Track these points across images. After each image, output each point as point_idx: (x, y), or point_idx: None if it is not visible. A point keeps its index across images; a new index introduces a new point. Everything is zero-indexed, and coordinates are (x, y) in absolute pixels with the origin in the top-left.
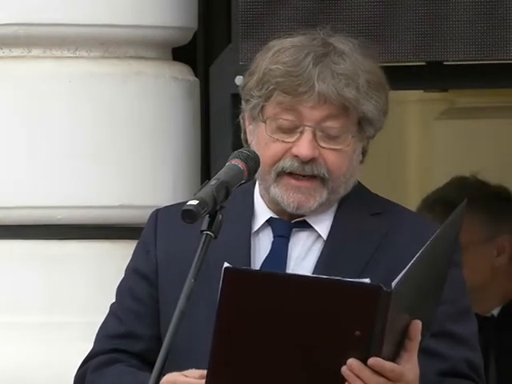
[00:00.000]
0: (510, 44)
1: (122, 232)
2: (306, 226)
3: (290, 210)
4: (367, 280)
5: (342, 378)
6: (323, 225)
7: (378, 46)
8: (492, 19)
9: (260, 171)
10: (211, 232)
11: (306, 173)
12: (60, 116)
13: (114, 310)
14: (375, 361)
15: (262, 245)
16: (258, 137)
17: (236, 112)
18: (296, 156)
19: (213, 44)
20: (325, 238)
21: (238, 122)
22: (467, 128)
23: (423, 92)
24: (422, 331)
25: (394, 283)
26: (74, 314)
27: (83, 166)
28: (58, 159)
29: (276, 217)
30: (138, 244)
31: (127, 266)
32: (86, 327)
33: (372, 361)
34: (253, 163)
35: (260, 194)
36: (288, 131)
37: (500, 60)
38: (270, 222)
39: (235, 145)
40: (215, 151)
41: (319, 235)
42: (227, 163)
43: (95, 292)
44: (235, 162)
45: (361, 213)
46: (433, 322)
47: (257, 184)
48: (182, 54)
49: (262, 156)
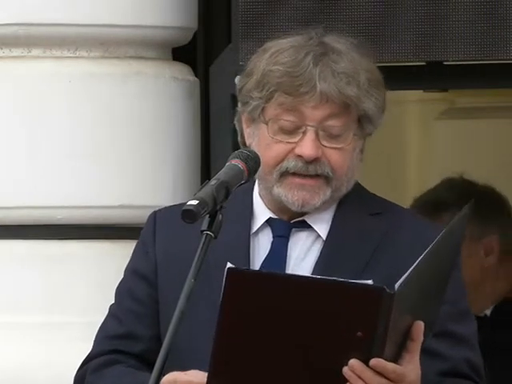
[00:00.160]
0: (510, 44)
1: (121, 232)
2: (305, 226)
3: (294, 208)
4: (370, 281)
5: (344, 378)
6: (322, 225)
7: (378, 45)
8: (492, 19)
9: (261, 172)
10: (211, 232)
11: (309, 173)
12: (60, 116)
13: (113, 311)
14: (377, 361)
15: (262, 245)
16: (259, 138)
17: (235, 113)
18: (299, 156)
19: (213, 44)
20: (324, 238)
21: (234, 123)
22: (467, 128)
23: (423, 92)
24: (425, 332)
25: (397, 285)
26: (74, 314)
27: (83, 166)
28: (58, 159)
29: (275, 217)
30: (136, 245)
31: (126, 267)
32: (86, 327)
33: (374, 361)
34: (253, 163)
35: (259, 195)
36: (290, 132)
37: (500, 60)
38: (269, 222)
39: (235, 145)
40: (215, 151)
41: (318, 235)
42: (227, 163)
43: (95, 292)
44: (235, 162)
45: (360, 213)
46: (435, 322)
47: (256, 184)
48: (182, 53)
49: (264, 157)
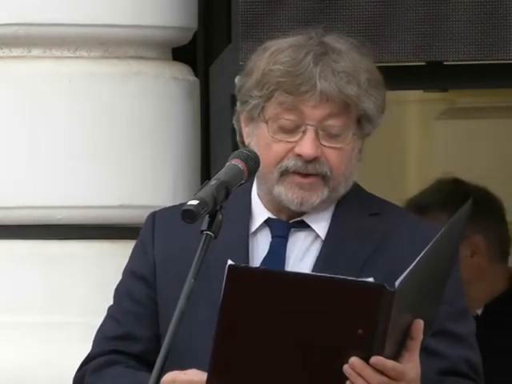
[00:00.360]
0: (510, 44)
1: (121, 232)
2: (304, 226)
3: (293, 206)
4: (371, 279)
5: (344, 376)
6: (321, 225)
7: (378, 45)
8: (492, 19)
9: (260, 171)
10: (211, 232)
11: (309, 171)
12: (60, 116)
13: (111, 312)
14: (377, 359)
15: (260, 245)
16: (259, 138)
17: (234, 112)
18: (299, 155)
19: (213, 44)
20: (323, 238)
21: (233, 123)
22: (467, 128)
23: (423, 92)
24: (424, 330)
25: (397, 282)
26: (74, 314)
27: (83, 166)
28: (58, 159)
29: (274, 217)
30: (135, 245)
31: (125, 268)
32: (86, 327)
33: (374, 359)
34: (253, 163)
35: (258, 195)
36: (290, 131)
37: (500, 60)
38: (267, 222)
39: (235, 145)
40: (215, 151)
41: (317, 235)
42: (227, 163)
43: (95, 292)
44: (235, 162)
45: (359, 213)
46: (434, 321)
47: (254, 184)
48: (182, 53)
49: (264, 156)
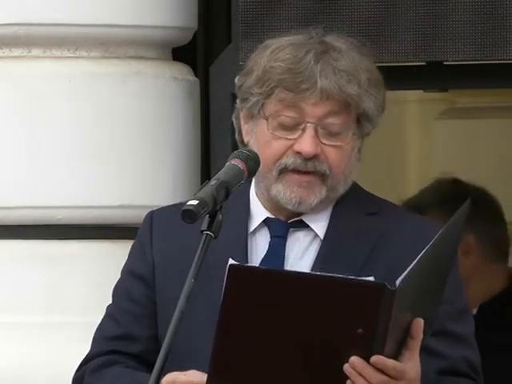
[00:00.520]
0: (510, 44)
1: (121, 232)
2: (302, 225)
3: (290, 206)
4: (371, 278)
5: (345, 375)
6: (320, 224)
7: (378, 45)
8: (492, 19)
9: (260, 170)
10: (211, 232)
11: (308, 169)
12: (60, 116)
13: (110, 311)
14: (377, 359)
15: (259, 245)
16: (258, 135)
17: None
18: (298, 153)
19: (213, 44)
20: (322, 238)
21: (232, 122)
22: (467, 128)
23: (423, 92)
24: (424, 330)
25: (398, 281)
26: (74, 314)
27: (83, 166)
28: (58, 159)
29: (272, 217)
30: (133, 245)
31: (123, 268)
32: (86, 327)
33: (374, 358)
34: (253, 163)
35: (256, 194)
36: (290, 128)
37: (500, 60)
38: (266, 222)
39: (235, 145)
40: (215, 151)
41: (316, 235)
42: (227, 163)
43: (95, 292)
44: (235, 162)
45: (357, 212)
46: (434, 320)
47: (252, 184)
48: (182, 53)
49: (263, 154)
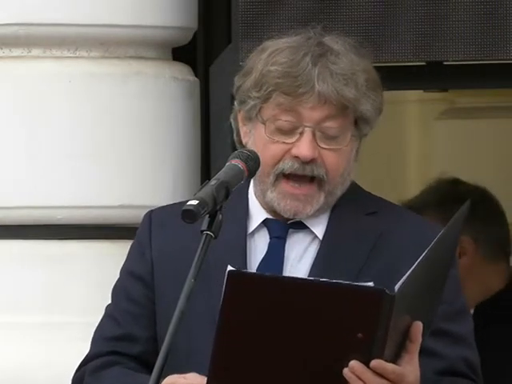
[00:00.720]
0: (510, 44)
1: (121, 232)
2: (302, 226)
3: (286, 216)
4: (371, 283)
5: (344, 380)
6: (319, 225)
7: (378, 45)
8: (492, 19)
9: (258, 173)
10: (211, 232)
11: (306, 173)
12: (60, 116)
13: (109, 311)
14: (377, 363)
15: (258, 246)
16: (256, 138)
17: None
18: (296, 157)
19: (213, 44)
20: (321, 239)
21: (230, 123)
22: (467, 128)
23: (423, 92)
24: (423, 332)
25: (397, 286)
26: (74, 314)
27: (83, 166)
28: (58, 159)
29: (271, 218)
30: (132, 245)
31: (122, 268)
32: (86, 327)
33: (374, 363)
34: (253, 163)
35: (255, 195)
36: (287, 132)
37: (500, 60)
38: (265, 222)
39: (235, 145)
40: (215, 151)
41: (315, 236)
42: (227, 163)
43: (95, 292)
44: (235, 162)
45: (356, 212)
46: (433, 321)
47: (251, 184)
48: (182, 53)
49: (261, 157)
